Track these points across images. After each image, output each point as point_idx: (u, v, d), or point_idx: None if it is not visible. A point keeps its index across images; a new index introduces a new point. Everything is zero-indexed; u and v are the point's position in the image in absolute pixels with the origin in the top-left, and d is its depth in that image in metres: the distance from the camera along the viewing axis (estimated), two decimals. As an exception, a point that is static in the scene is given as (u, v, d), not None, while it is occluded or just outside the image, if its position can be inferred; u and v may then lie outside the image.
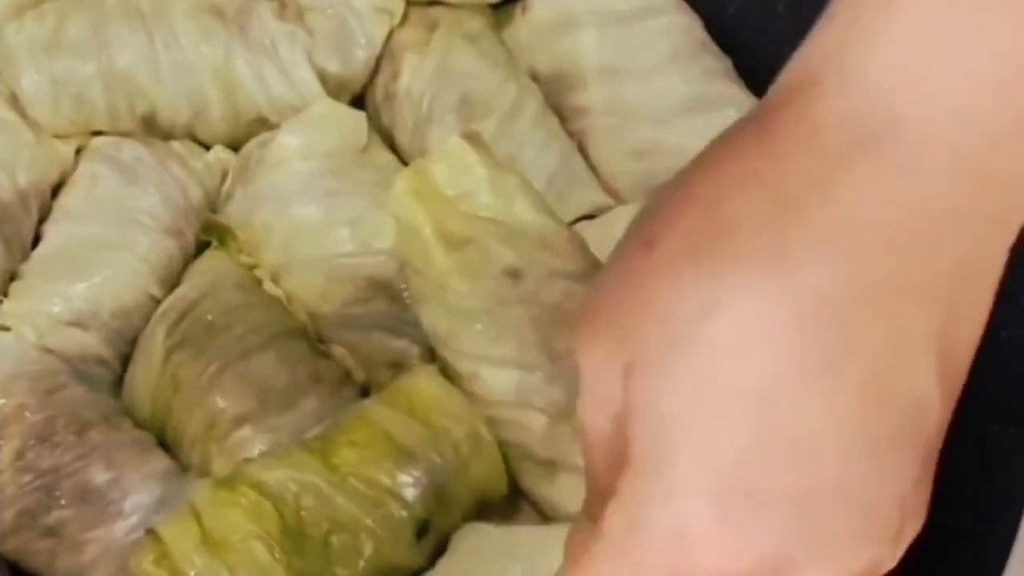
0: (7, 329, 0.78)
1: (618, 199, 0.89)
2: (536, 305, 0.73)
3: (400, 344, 0.81)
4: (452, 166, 0.76)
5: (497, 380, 0.72)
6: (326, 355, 0.81)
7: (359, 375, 0.80)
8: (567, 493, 0.71)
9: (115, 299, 0.81)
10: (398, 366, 0.80)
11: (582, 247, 0.77)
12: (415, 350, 0.81)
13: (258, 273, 0.83)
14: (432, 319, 0.74)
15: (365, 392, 0.80)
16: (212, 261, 0.85)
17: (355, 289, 0.82)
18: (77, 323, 0.78)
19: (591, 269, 0.76)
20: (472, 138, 0.77)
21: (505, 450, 0.72)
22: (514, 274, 0.73)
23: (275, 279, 0.83)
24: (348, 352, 0.81)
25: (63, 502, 0.73)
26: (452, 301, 0.73)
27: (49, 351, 0.77)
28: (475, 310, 0.73)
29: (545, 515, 0.74)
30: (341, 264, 0.82)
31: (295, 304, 0.82)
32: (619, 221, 0.85)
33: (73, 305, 0.79)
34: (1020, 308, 0.67)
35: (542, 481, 0.72)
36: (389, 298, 0.82)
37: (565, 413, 0.71)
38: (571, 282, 0.74)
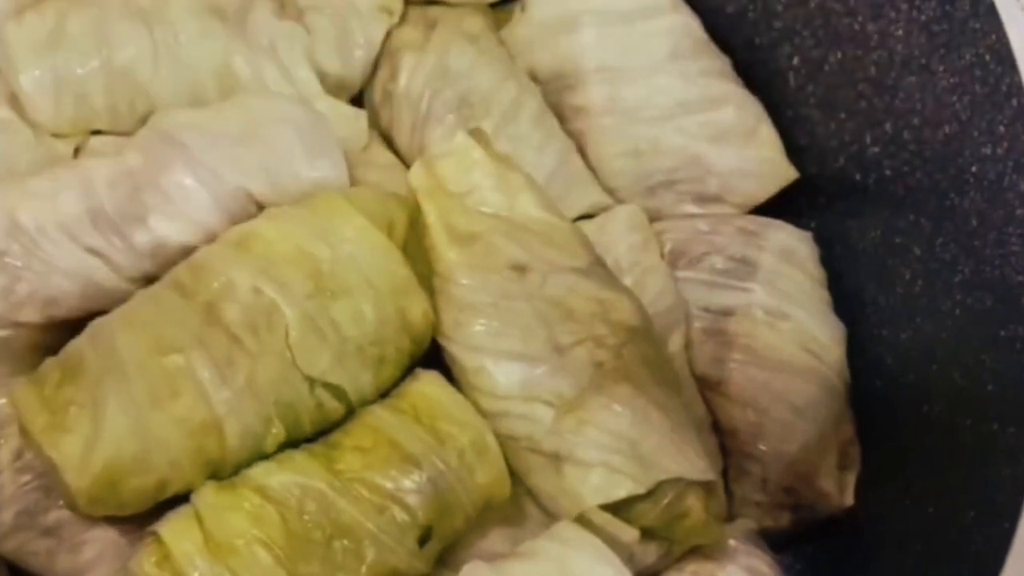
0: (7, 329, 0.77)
1: (617, 198, 0.89)
2: (541, 299, 0.73)
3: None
4: (459, 163, 0.76)
5: (503, 373, 0.72)
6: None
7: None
8: (574, 486, 0.71)
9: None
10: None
11: (585, 243, 0.77)
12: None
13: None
14: (438, 313, 0.74)
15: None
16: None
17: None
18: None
19: (594, 264, 0.76)
20: (478, 136, 0.78)
21: (511, 444, 0.73)
22: (519, 269, 0.74)
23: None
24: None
25: (61, 502, 0.72)
26: (458, 295, 0.73)
27: (48, 350, 0.77)
28: (481, 304, 0.73)
29: (550, 512, 0.74)
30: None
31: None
32: (617, 220, 0.85)
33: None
34: (1020, 308, 0.68)
35: (548, 475, 0.72)
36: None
37: (571, 406, 0.71)
38: (575, 277, 0.74)
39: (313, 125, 0.78)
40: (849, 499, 0.82)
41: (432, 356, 0.76)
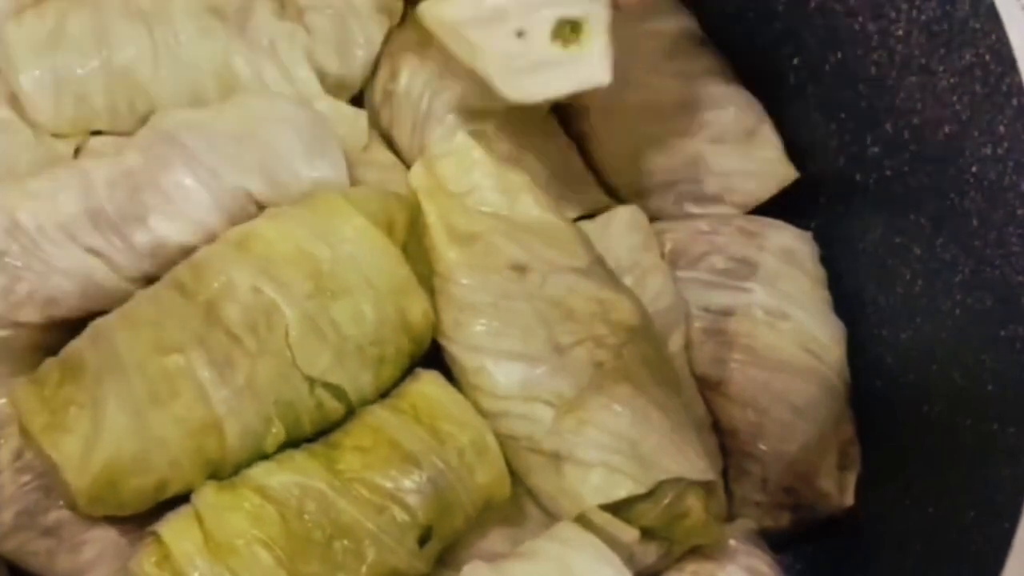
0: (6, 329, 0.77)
1: (617, 198, 0.89)
2: (541, 299, 0.73)
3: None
4: (459, 164, 0.77)
5: (503, 373, 0.72)
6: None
7: None
8: (574, 486, 0.71)
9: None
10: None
11: (585, 243, 0.77)
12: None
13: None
14: (438, 313, 0.74)
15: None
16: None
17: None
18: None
19: (594, 264, 0.76)
20: (478, 136, 0.78)
21: (511, 444, 0.73)
22: (520, 269, 0.74)
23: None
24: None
25: (61, 502, 0.73)
26: (458, 295, 0.74)
27: (48, 350, 0.77)
28: (481, 304, 0.73)
29: (550, 513, 0.74)
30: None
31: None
32: (617, 220, 0.85)
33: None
34: (1020, 308, 0.68)
35: (549, 474, 0.72)
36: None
37: (571, 406, 0.71)
38: (575, 277, 0.74)
39: (313, 125, 0.78)
40: (849, 499, 0.82)
41: (432, 356, 0.76)
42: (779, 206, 0.88)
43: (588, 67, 0.74)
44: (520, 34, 0.73)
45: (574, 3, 0.73)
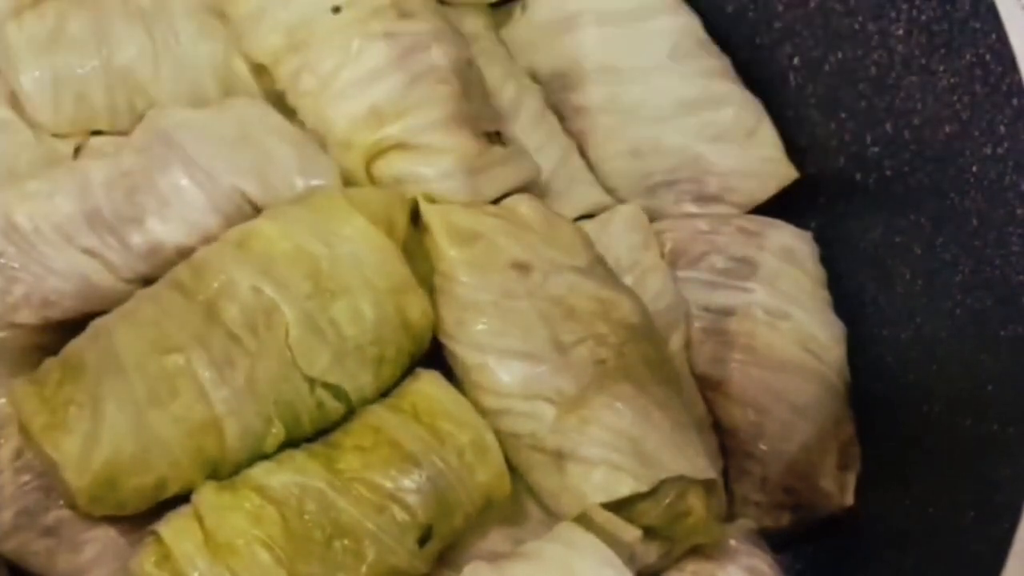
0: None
1: (617, 198, 0.89)
2: (542, 298, 0.73)
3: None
4: None
5: (505, 371, 0.72)
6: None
7: None
8: (577, 483, 0.71)
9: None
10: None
11: (586, 242, 0.78)
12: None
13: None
14: (440, 311, 0.74)
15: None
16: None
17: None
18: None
19: (594, 264, 0.76)
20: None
21: (513, 441, 0.73)
22: (521, 268, 0.74)
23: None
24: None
25: (61, 502, 0.73)
26: (460, 294, 0.74)
27: (47, 351, 0.77)
28: (483, 303, 0.73)
29: (551, 511, 0.74)
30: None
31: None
32: (618, 219, 0.85)
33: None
34: (1020, 308, 0.68)
35: (551, 472, 0.72)
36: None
37: (573, 404, 0.71)
38: (576, 276, 0.75)
39: (303, 136, 0.78)
40: (849, 499, 0.82)
41: (433, 356, 0.76)
42: (779, 206, 0.88)
43: (527, 161, 0.81)
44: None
45: None
